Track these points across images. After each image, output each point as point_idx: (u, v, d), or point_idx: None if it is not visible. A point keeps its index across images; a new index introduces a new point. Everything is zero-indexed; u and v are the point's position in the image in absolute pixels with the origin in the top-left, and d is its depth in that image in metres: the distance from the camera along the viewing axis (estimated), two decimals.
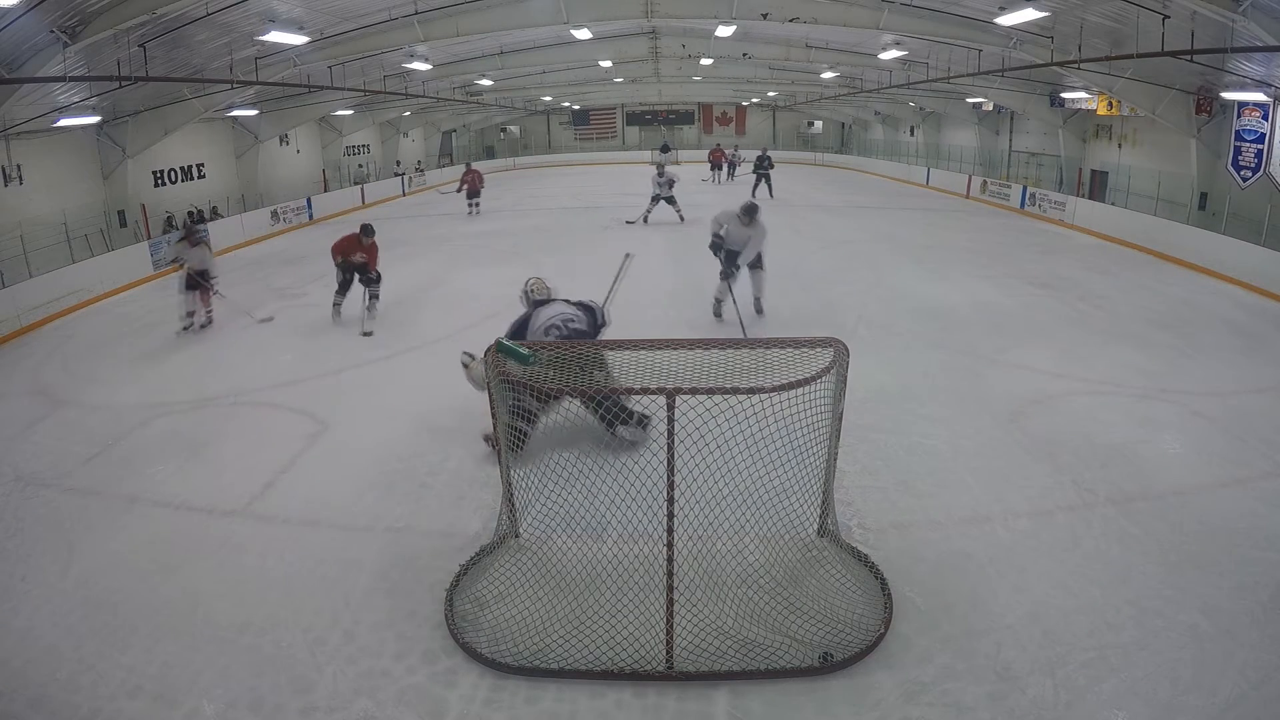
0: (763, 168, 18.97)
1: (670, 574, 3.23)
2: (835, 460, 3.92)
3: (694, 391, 3.10)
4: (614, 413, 4.44)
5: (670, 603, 3.21)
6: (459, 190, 17.90)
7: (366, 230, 8.63)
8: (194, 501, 4.70)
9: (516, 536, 4.07)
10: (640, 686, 3.12)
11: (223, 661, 3.30)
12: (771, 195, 18.33)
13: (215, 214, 15.82)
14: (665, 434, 3.09)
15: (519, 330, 5.28)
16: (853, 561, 3.85)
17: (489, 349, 3.67)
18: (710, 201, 16.43)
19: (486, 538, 4.12)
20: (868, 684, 3.11)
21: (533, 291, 5.53)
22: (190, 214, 15.16)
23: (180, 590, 3.80)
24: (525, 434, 4.66)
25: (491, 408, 3.73)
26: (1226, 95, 11.70)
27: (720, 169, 23.11)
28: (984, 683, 3.09)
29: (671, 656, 3.17)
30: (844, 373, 3.56)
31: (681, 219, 15.03)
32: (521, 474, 3.81)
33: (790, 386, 3.17)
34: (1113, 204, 14.63)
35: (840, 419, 3.73)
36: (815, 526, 4.00)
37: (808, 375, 3.25)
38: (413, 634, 3.45)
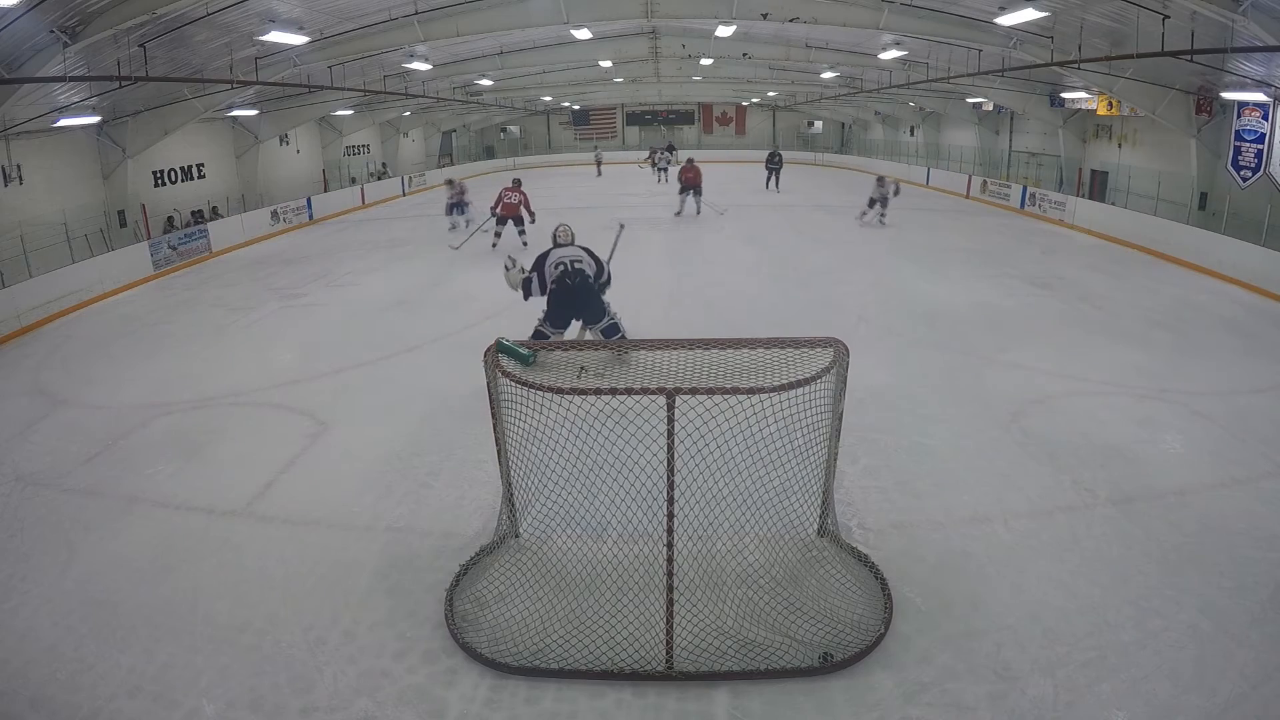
0: (773, 164, 20.75)
1: (670, 574, 3.23)
2: (835, 460, 3.92)
3: (694, 391, 3.10)
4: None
5: (670, 603, 3.21)
6: None
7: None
8: (194, 501, 4.70)
9: (516, 536, 4.07)
10: (640, 686, 3.12)
11: (223, 661, 3.30)
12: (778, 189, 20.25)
13: (215, 214, 15.82)
14: (665, 434, 3.09)
15: (539, 262, 6.30)
16: (853, 561, 3.85)
17: (489, 348, 3.67)
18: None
19: (486, 538, 4.12)
20: (868, 684, 3.11)
21: (558, 235, 6.61)
22: (194, 213, 15.17)
23: (180, 590, 3.80)
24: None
25: (492, 407, 3.73)
26: (1226, 95, 11.69)
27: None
28: (984, 683, 3.09)
29: (671, 656, 3.17)
30: (844, 373, 3.56)
31: (666, 181, 21.13)
32: (521, 474, 3.81)
33: (790, 386, 3.17)
34: (1113, 204, 14.63)
35: (840, 419, 3.73)
36: (815, 526, 4.00)
37: (808, 375, 3.25)
38: (413, 634, 3.45)
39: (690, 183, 16.10)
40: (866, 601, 3.55)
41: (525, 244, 12.26)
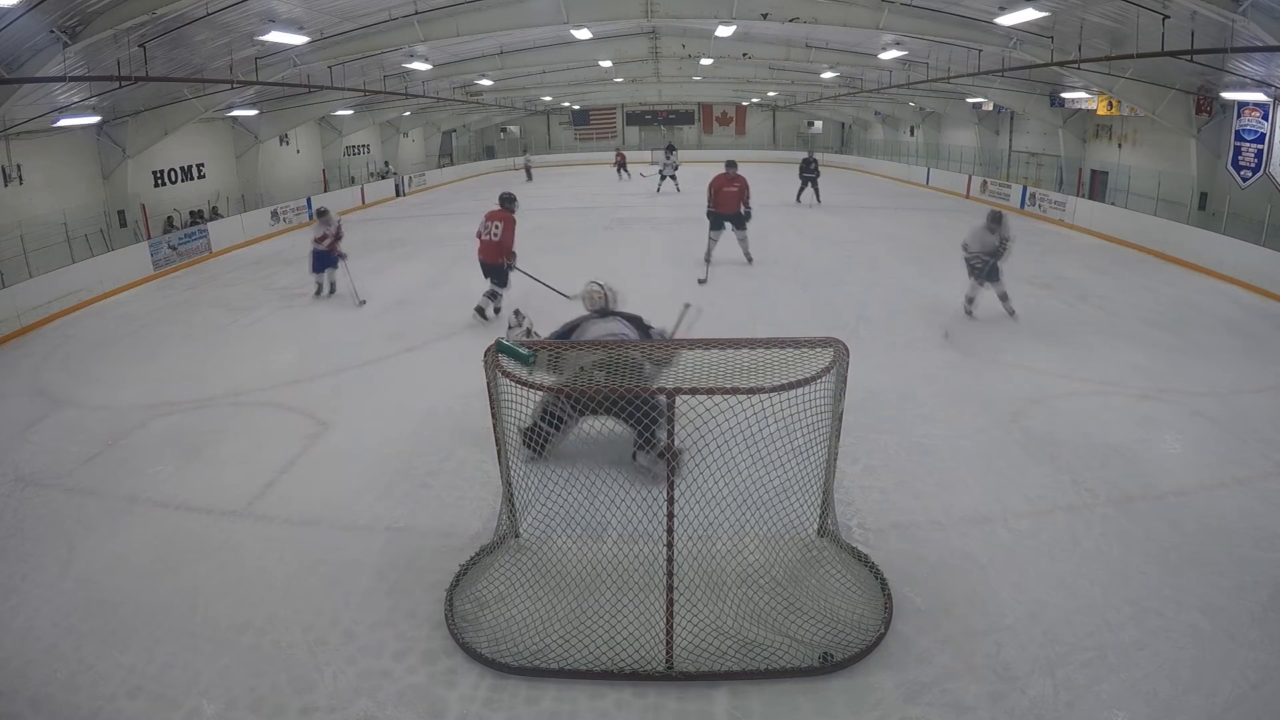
0: (809, 171, 18.28)
1: (670, 574, 3.23)
2: (835, 460, 3.92)
3: (694, 391, 3.10)
4: (643, 431, 3.82)
5: (670, 603, 3.20)
6: None
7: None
8: (194, 501, 4.70)
9: (516, 536, 4.07)
10: (640, 686, 3.12)
11: (223, 661, 3.30)
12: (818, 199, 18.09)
13: (215, 214, 15.83)
14: (665, 434, 3.09)
15: (564, 335, 4.82)
16: (853, 561, 3.84)
17: (489, 348, 3.67)
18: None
19: (486, 538, 4.11)
20: (868, 684, 3.11)
21: (588, 299, 4.83)
22: (194, 214, 15.17)
23: (180, 590, 3.80)
24: (548, 436, 4.63)
25: (492, 407, 3.73)
26: (1226, 95, 11.70)
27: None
28: (984, 683, 3.09)
29: (671, 656, 3.17)
30: (844, 373, 3.55)
31: (678, 190, 20.13)
32: (521, 474, 3.81)
33: (790, 386, 3.17)
34: (1113, 204, 14.63)
35: (840, 419, 3.73)
36: (815, 526, 4.00)
37: (808, 375, 3.24)
38: (413, 634, 3.44)
39: (727, 209, 10.16)
40: (866, 601, 3.54)
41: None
